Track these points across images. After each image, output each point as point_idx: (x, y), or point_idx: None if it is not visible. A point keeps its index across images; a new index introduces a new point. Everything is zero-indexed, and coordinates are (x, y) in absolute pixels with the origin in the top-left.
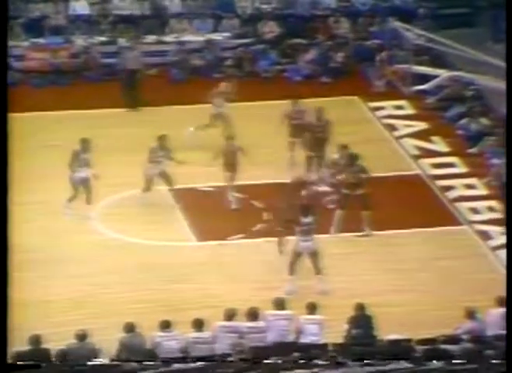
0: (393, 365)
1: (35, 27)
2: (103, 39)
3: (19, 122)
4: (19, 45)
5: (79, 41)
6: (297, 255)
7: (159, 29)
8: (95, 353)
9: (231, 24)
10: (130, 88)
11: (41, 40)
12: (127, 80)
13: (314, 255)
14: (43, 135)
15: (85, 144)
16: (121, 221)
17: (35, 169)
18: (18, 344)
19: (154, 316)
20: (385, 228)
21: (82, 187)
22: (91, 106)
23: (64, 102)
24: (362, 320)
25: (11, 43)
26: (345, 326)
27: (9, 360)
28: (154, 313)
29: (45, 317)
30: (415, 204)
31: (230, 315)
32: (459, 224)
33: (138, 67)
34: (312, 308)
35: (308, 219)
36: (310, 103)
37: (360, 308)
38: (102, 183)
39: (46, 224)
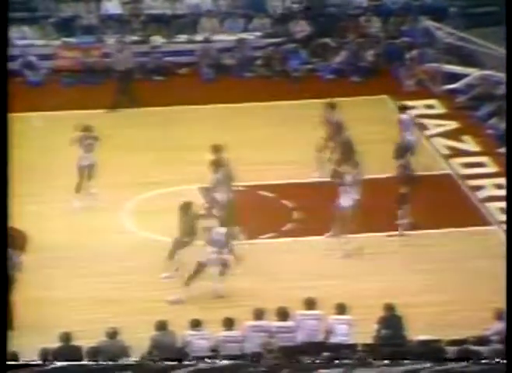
0: (422, 365)
1: (67, 26)
2: (134, 38)
3: (50, 120)
4: (51, 44)
5: (111, 40)
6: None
7: (191, 28)
8: (125, 351)
9: (262, 23)
10: (124, 89)
11: (73, 39)
12: (120, 81)
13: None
14: (72, 133)
15: (87, 130)
16: (150, 219)
17: (62, 166)
18: (47, 341)
19: (184, 314)
20: (415, 228)
21: (87, 173)
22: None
23: (94, 100)
24: (391, 320)
25: (42, 42)
26: (375, 327)
27: (37, 357)
28: (184, 311)
29: (75, 315)
30: (445, 204)
31: (259, 315)
32: (489, 224)
33: (129, 67)
34: (341, 309)
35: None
36: (341, 103)
37: (390, 308)
38: (131, 182)
39: (75, 222)
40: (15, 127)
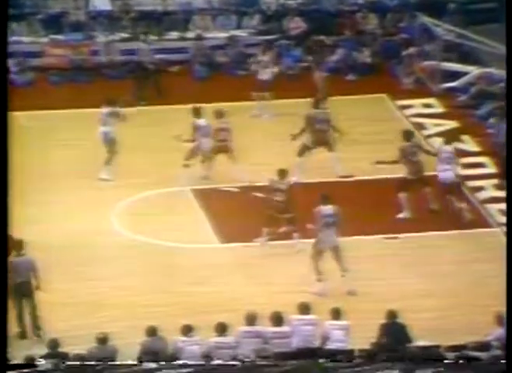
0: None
1: (55, 23)
2: (124, 35)
3: (38, 120)
4: (38, 41)
5: (100, 38)
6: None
7: (182, 25)
8: (115, 357)
9: (255, 20)
10: (144, 83)
11: (61, 37)
12: (140, 74)
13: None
14: (62, 133)
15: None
16: (143, 222)
17: (52, 168)
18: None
19: (176, 319)
20: (414, 230)
21: (109, 147)
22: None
23: (83, 99)
24: (393, 328)
25: (30, 39)
26: (375, 333)
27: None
28: (176, 316)
29: (66, 320)
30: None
31: (251, 319)
32: (489, 226)
33: (150, 61)
34: (336, 314)
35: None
36: (338, 101)
37: (392, 316)
38: (123, 183)
39: (66, 224)
40: None
